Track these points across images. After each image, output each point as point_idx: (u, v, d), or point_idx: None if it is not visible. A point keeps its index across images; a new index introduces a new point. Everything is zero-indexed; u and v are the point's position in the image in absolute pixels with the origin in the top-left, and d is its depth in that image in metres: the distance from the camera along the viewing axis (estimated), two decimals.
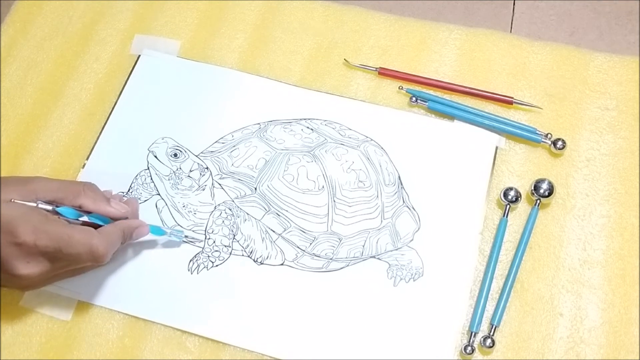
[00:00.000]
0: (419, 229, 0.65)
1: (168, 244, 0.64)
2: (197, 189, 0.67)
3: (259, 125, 0.70)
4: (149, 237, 0.63)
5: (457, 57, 0.74)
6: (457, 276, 0.62)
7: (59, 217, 0.58)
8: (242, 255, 0.64)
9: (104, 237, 0.57)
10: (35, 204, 0.57)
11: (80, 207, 0.59)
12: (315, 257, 0.64)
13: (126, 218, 0.61)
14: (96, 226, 0.59)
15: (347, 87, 0.73)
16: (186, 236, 0.65)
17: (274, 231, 0.65)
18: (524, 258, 0.63)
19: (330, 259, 0.64)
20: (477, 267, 0.63)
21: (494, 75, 0.73)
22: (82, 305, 0.62)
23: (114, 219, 0.60)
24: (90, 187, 0.61)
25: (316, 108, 0.71)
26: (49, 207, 0.57)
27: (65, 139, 0.71)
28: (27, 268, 0.55)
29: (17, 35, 0.77)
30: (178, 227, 0.65)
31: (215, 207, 0.66)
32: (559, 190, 0.66)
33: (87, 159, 0.69)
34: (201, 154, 0.69)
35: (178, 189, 0.67)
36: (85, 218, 0.59)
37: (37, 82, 0.74)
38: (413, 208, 0.66)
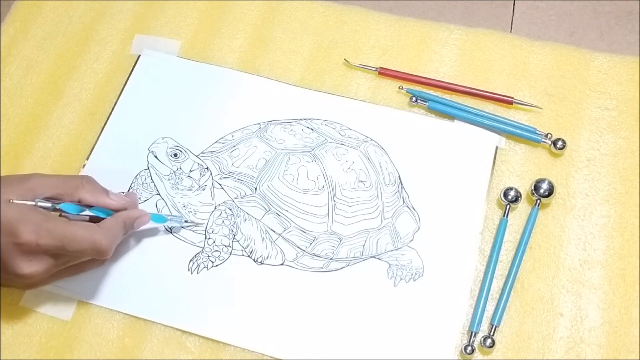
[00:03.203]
0: (419, 229, 0.65)
1: (168, 244, 0.64)
2: (197, 189, 0.67)
3: (259, 125, 0.70)
4: (151, 225, 0.63)
5: (457, 57, 0.74)
6: (457, 276, 0.62)
7: (60, 214, 0.58)
8: (242, 255, 0.64)
9: (105, 231, 0.57)
10: (34, 203, 0.57)
11: (79, 201, 0.60)
12: (315, 257, 0.64)
13: (125, 209, 0.62)
14: (97, 219, 0.59)
15: (347, 87, 0.73)
16: (186, 221, 0.65)
17: (274, 231, 0.65)
18: (524, 258, 0.63)
19: (331, 259, 0.64)
20: (477, 267, 0.63)
21: (494, 75, 0.73)
22: (82, 305, 0.62)
23: (114, 211, 0.61)
24: (88, 180, 0.62)
25: (316, 108, 0.71)
26: (48, 205, 0.57)
27: (65, 139, 0.71)
28: (29, 267, 0.56)
29: (17, 35, 0.77)
30: (176, 213, 0.66)
31: (215, 207, 0.66)
32: (559, 190, 0.66)
33: (87, 159, 0.69)
34: (201, 154, 0.69)
35: (178, 189, 0.67)
36: (87, 212, 0.59)
37: (37, 82, 0.74)
38: (413, 208, 0.66)
